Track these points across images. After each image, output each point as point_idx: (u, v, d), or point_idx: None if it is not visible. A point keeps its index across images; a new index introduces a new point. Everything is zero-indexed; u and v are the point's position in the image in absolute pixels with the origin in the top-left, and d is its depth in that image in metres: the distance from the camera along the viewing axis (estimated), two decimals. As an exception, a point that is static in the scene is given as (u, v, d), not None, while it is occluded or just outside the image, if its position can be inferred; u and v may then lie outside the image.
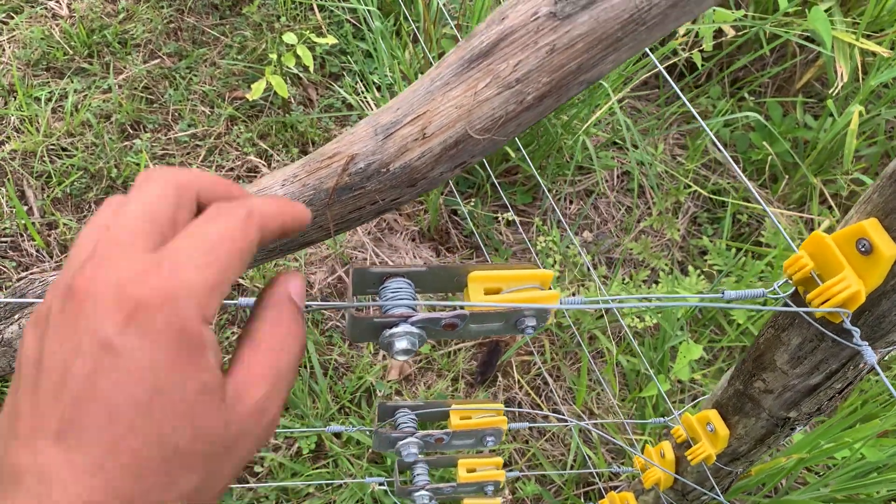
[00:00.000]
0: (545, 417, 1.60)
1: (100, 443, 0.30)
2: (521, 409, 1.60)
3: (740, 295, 0.62)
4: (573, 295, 1.71)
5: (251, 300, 0.46)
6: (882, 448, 1.29)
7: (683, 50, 1.86)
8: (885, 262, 0.52)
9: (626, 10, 0.43)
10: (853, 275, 0.53)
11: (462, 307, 0.56)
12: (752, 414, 0.79)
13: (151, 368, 0.31)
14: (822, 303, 0.55)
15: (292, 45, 1.82)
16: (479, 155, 0.54)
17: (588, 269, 1.81)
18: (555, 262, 1.78)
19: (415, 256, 1.85)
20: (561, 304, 0.59)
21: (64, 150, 1.85)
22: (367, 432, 1.41)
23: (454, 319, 0.58)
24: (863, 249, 0.53)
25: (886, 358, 1.31)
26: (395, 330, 0.54)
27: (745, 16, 1.90)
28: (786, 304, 0.64)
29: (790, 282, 0.59)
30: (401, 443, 0.85)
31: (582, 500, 1.41)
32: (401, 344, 0.55)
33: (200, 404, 0.32)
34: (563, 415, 1.55)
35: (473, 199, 1.86)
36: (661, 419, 0.96)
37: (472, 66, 0.48)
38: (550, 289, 0.59)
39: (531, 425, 0.93)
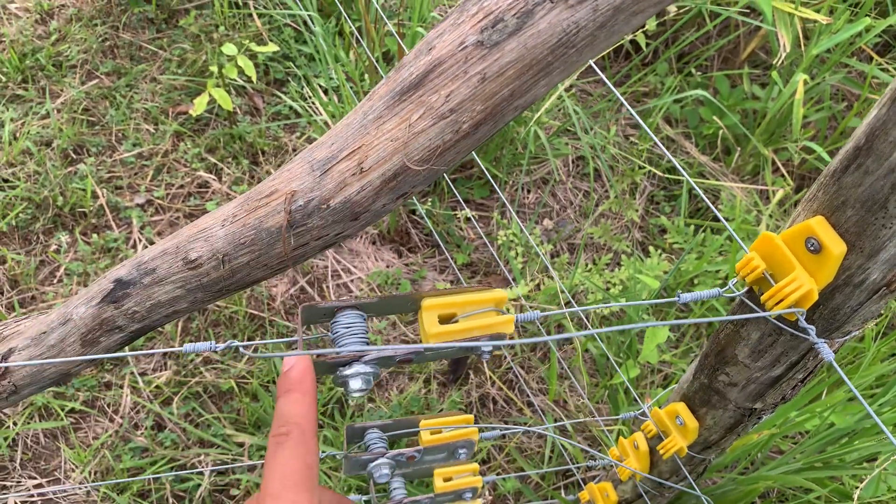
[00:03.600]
0: (520, 411, 1.60)
1: None
2: (494, 409, 1.59)
3: (695, 297, 0.62)
4: (538, 286, 1.71)
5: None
6: (850, 414, 1.31)
7: (627, 31, 1.86)
8: (834, 259, 0.51)
9: (553, 35, 0.42)
10: (804, 274, 0.53)
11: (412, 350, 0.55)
12: (719, 406, 0.79)
13: None
14: (777, 303, 0.55)
15: (233, 56, 1.78)
16: (420, 185, 0.52)
17: (549, 258, 1.81)
18: (517, 254, 1.77)
19: (377, 259, 1.83)
20: (518, 321, 0.58)
21: (6, 181, 1.79)
22: (336, 456, 1.38)
23: (409, 355, 0.57)
24: (812, 248, 0.52)
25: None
26: (348, 371, 0.53)
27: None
28: (742, 302, 0.63)
29: (744, 282, 0.59)
30: (372, 465, 0.84)
31: (562, 491, 1.41)
32: (355, 384, 0.54)
33: None
34: (536, 407, 1.55)
35: (431, 198, 1.84)
36: (631, 414, 0.96)
37: (404, 98, 0.47)
38: (508, 311, 0.58)
39: (503, 430, 0.92)
